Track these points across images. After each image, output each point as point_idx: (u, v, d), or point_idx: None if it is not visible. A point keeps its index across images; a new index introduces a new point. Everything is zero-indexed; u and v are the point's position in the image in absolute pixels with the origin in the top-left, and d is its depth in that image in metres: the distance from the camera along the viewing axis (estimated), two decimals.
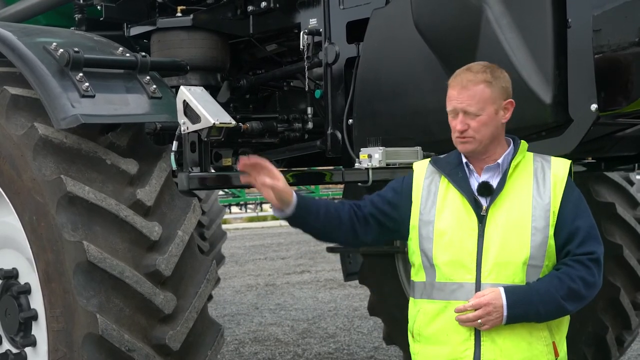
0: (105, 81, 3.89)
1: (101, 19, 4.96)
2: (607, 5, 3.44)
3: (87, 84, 3.75)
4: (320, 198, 3.61)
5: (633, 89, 3.52)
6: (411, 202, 3.05)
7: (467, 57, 3.64)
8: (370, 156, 3.89)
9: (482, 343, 2.87)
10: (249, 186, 3.75)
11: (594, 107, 3.39)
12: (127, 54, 4.08)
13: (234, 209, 26.01)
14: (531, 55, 3.49)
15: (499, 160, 2.96)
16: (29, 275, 3.99)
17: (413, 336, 3.05)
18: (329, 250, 7.02)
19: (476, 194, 2.95)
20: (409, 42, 3.97)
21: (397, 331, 6.53)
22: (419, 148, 3.97)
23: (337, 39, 4.36)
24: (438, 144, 3.99)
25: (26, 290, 3.99)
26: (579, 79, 3.43)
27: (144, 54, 4.11)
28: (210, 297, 8.47)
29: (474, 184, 2.97)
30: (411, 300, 3.10)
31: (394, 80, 4.11)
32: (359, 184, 4.07)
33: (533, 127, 3.60)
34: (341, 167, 4.54)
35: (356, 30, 4.29)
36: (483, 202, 2.93)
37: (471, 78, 2.92)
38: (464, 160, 3.01)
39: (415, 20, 3.86)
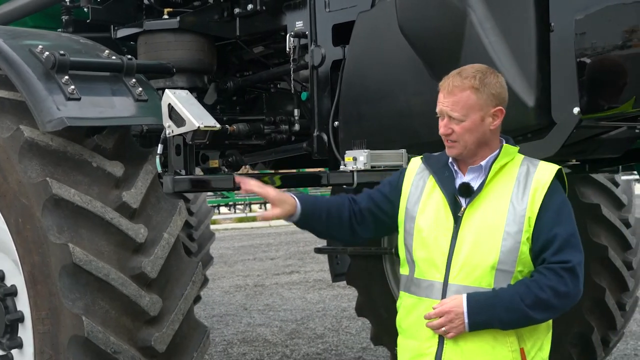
0: (91, 84, 3.88)
1: (88, 21, 4.96)
2: (589, 9, 3.46)
3: (72, 86, 3.74)
4: (323, 197, 3.68)
5: (615, 92, 3.55)
6: (400, 197, 3.10)
7: (451, 60, 3.67)
8: (355, 159, 3.91)
9: (445, 343, 2.89)
10: (233, 189, 3.77)
11: (576, 110, 3.42)
12: (113, 57, 4.08)
13: (223, 209, 25.98)
14: (514, 59, 3.52)
15: (482, 163, 2.95)
16: (15, 277, 3.99)
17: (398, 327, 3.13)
18: (317, 250, 7.03)
19: (457, 194, 2.96)
20: (394, 45, 3.99)
21: (384, 332, 6.55)
22: (403, 151, 3.99)
23: (323, 42, 4.39)
24: (423, 146, 4.01)
25: (12, 292, 4.00)
26: (562, 82, 3.46)
27: (130, 56, 4.11)
28: (198, 298, 8.48)
29: (459, 184, 2.98)
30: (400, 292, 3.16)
31: (380, 83, 4.13)
32: (344, 186, 4.10)
33: (516, 129, 3.61)
34: (327, 169, 4.56)
35: (342, 33, 4.31)
36: (463, 203, 2.94)
37: (458, 83, 2.91)
38: (450, 160, 3.03)
39: (400, 23, 3.88)
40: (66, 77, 3.76)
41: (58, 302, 3.56)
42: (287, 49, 4.45)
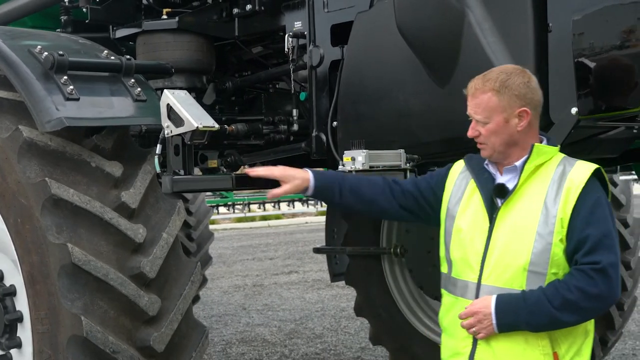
0: (90, 84, 3.89)
1: (87, 21, 4.97)
2: (587, 10, 3.47)
3: (71, 87, 3.75)
4: (353, 175, 3.73)
5: (613, 92, 3.56)
6: (443, 194, 3.16)
7: (450, 60, 3.69)
8: (353, 159, 3.91)
9: (478, 343, 2.92)
10: (232, 189, 3.78)
11: (574, 110, 3.42)
12: (112, 57, 4.08)
13: (222, 209, 25.95)
14: (512, 59, 3.51)
15: (517, 163, 2.96)
16: (14, 277, 3.99)
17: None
18: (316, 250, 7.03)
19: (493, 195, 2.97)
20: (392, 45, 4.00)
21: (383, 331, 6.55)
22: (402, 151, 3.99)
23: (321, 42, 4.39)
24: (422, 146, 4.03)
25: (11, 292, 4.00)
26: (560, 82, 3.46)
27: (128, 56, 4.11)
28: (197, 298, 8.49)
29: (495, 184, 3.00)
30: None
31: (378, 83, 4.14)
32: None
33: None
34: (325, 169, 4.57)
35: (340, 33, 4.31)
36: (499, 203, 2.95)
37: (479, 86, 2.95)
38: (486, 161, 3.06)
39: (398, 24, 3.89)
40: (65, 77, 3.77)
41: (57, 302, 3.56)
42: (286, 49, 4.46)
